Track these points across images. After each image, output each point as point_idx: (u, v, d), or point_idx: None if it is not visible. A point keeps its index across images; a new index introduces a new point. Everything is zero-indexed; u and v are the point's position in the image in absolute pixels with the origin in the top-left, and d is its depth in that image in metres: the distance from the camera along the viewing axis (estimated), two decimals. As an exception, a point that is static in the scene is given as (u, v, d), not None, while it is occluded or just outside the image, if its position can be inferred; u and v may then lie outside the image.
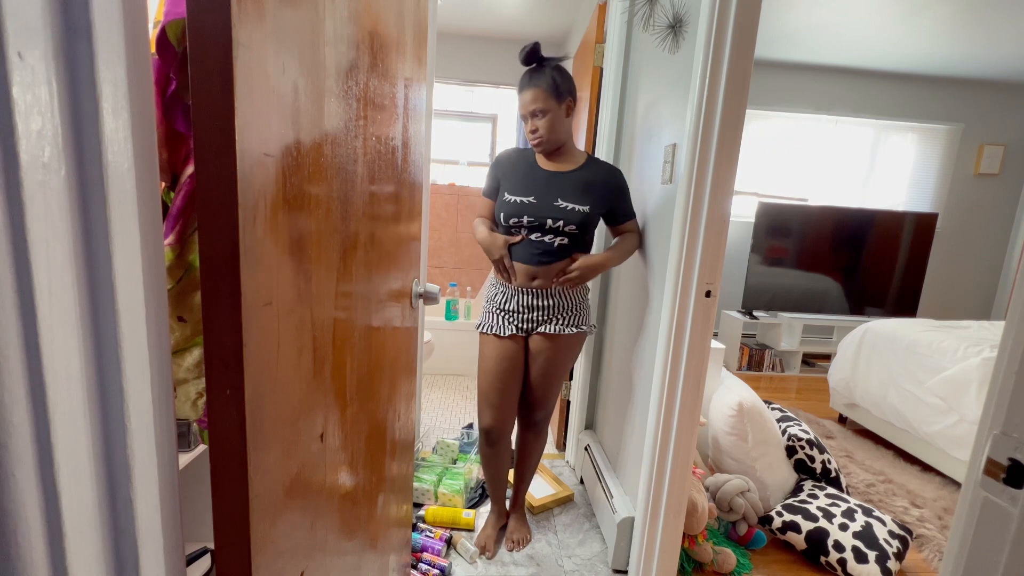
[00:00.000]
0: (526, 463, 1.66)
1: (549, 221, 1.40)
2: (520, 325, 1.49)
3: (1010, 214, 4.21)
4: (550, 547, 1.64)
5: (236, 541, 0.45)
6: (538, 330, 1.48)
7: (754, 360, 3.82)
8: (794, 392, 3.44)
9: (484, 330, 1.53)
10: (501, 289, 1.52)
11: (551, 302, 1.46)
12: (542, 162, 1.48)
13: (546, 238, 1.42)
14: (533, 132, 1.41)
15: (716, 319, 3.24)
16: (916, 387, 2.28)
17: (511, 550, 1.61)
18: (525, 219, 1.42)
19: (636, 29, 1.79)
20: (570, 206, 1.40)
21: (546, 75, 1.37)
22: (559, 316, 1.47)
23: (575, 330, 1.48)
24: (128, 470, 0.40)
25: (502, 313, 1.51)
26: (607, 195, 1.46)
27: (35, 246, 0.32)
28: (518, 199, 1.43)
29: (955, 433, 2.08)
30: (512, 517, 1.71)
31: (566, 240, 1.42)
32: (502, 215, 1.45)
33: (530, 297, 1.47)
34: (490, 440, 1.55)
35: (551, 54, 1.43)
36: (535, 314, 1.47)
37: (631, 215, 1.53)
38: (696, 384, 1.28)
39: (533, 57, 1.39)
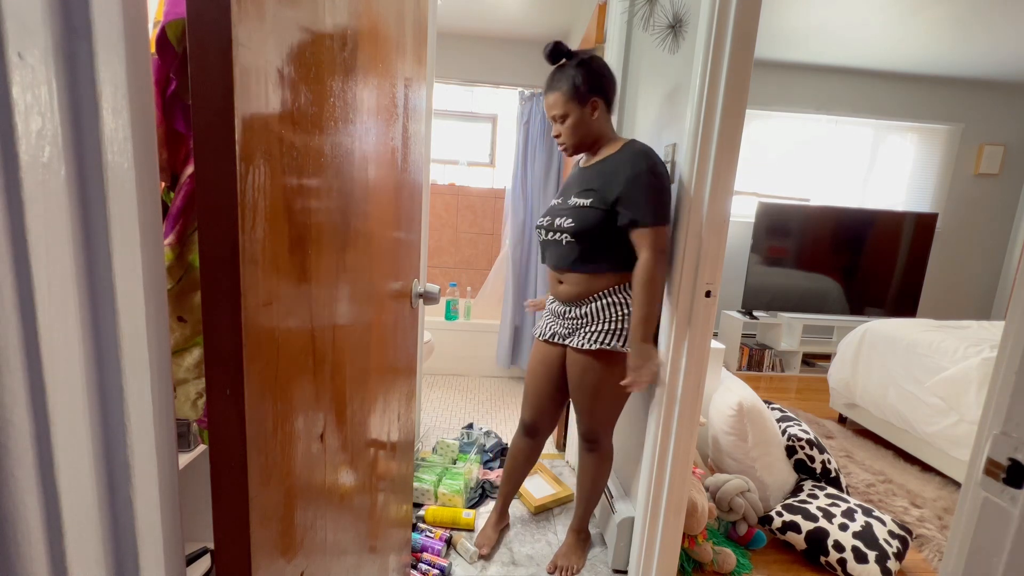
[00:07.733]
0: (581, 482, 1.56)
1: (557, 220, 1.34)
2: (556, 330, 1.44)
3: (1010, 214, 4.20)
4: (550, 547, 1.64)
5: (236, 541, 0.45)
6: (567, 342, 1.41)
7: (754, 360, 3.81)
8: (794, 392, 3.44)
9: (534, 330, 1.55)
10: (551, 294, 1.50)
11: (584, 311, 1.36)
12: (583, 160, 1.41)
13: (554, 236, 1.35)
14: (557, 137, 1.35)
15: (716, 319, 3.25)
16: (916, 387, 2.27)
17: (551, 573, 1.52)
18: (545, 220, 1.38)
19: (636, 29, 1.79)
20: (575, 202, 1.31)
21: (567, 76, 1.28)
22: (587, 328, 1.36)
23: (596, 346, 1.32)
24: (128, 470, 0.40)
25: (546, 313, 1.51)
26: (614, 184, 1.24)
27: (35, 246, 0.32)
28: (551, 203, 1.42)
29: (955, 433, 2.08)
30: (566, 539, 1.61)
31: (569, 237, 1.31)
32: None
33: (561, 305, 1.42)
34: (527, 431, 1.56)
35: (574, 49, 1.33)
36: (567, 322, 1.41)
37: (642, 220, 1.21)
38: (696, 384, 1.28)
39: (555, 56, 1.31)
